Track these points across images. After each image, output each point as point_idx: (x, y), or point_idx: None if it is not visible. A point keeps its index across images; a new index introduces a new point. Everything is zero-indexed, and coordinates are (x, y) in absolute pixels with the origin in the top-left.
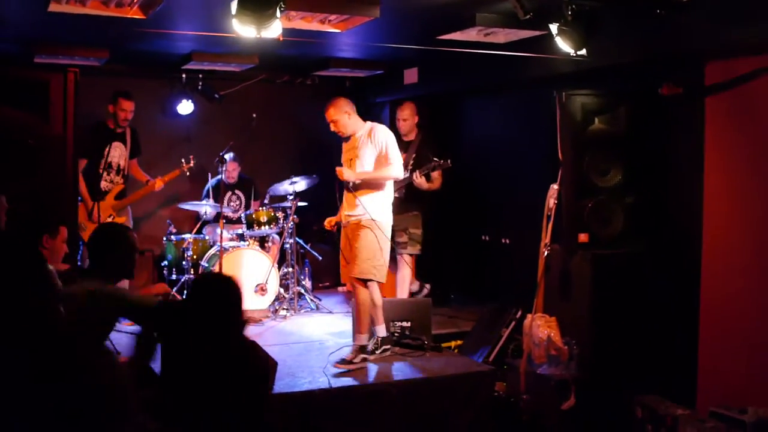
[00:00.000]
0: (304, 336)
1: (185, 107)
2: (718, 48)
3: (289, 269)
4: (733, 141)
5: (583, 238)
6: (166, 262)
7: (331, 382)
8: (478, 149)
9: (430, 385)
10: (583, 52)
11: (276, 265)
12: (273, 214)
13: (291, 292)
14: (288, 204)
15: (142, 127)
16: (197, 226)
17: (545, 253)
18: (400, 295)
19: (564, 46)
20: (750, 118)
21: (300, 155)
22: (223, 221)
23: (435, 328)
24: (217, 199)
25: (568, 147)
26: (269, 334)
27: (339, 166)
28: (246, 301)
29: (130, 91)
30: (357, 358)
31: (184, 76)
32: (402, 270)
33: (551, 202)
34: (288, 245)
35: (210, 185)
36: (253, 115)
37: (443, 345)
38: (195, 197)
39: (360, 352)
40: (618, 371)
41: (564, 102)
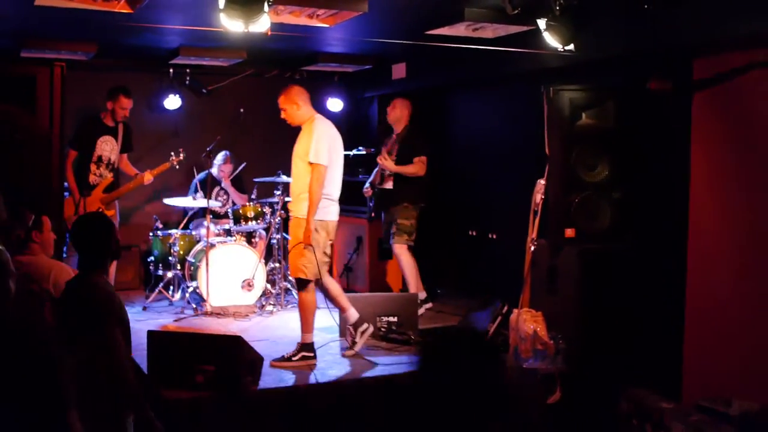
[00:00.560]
0: (290, 331)
1: (173, 102)
2: (705, 43)
3: (276, 264)
4: (719, 136)
5: (569, 233)
6: (152, 258)
7: (317, 377)
8: (467, 144)
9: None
10: (571, 47)
11: (263, 260)
12: (260, 210)
13: (278, 287)
14: (275, 199)
15: (130, 121)
16: (184, 221)
17: (532, 248)
18: (409, 284)
19: (552, 41)
20: (737, 113)
21: (288, 150)
22: (210, 216)
23: (422, 323)
24: (205, 194)
25: (556, 142)
26: (256, 329)
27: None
28: (233, 296)
29: (128, 87)
30: (297, 356)
31: (171, 70)
32: (399, 261)
33: (538, 197)
34: (275, 240)
35: (197, 180)
36: (241, 110)
37: None
38: (182, 192)
39: (301, 350)
40: (604, 365)
41: (552, 97)
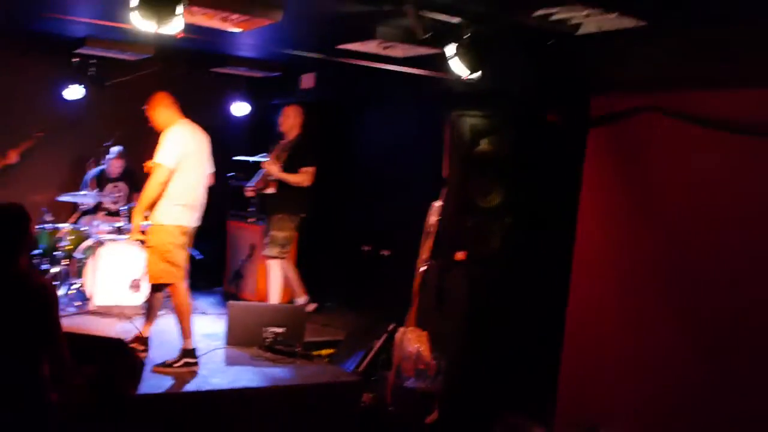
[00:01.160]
0: (174, 336)
1: (73, 92)
2: (603, 82)
3: None
4: (611, 170)
5: (460, 255)
6: (38, 251)
7: (199, 385)
8: (369, 159)
9: (296, 393)
10: (475, 75)
11: None
12: None
13: (166, 290)
14: None
15: (25, 107)
16: (76, 217)
17: (422, 269)
18: (270, 296)
19: (458, 67)
20: (628, 151)
21: None
22: (104, 213)
23: (308, 336)
24: (100, 189)
25: (455, 165)
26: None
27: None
28: (119, 296)
29: None
30: (179, 362)
31: (75, 60)
32: (267, 272)
33: (433, 218)
34: None
35: (92, 175)
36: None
37: (315, 353)
38: (75, 187)
39: (184, 357)
40: (484, 387)
41: (454, 121)
